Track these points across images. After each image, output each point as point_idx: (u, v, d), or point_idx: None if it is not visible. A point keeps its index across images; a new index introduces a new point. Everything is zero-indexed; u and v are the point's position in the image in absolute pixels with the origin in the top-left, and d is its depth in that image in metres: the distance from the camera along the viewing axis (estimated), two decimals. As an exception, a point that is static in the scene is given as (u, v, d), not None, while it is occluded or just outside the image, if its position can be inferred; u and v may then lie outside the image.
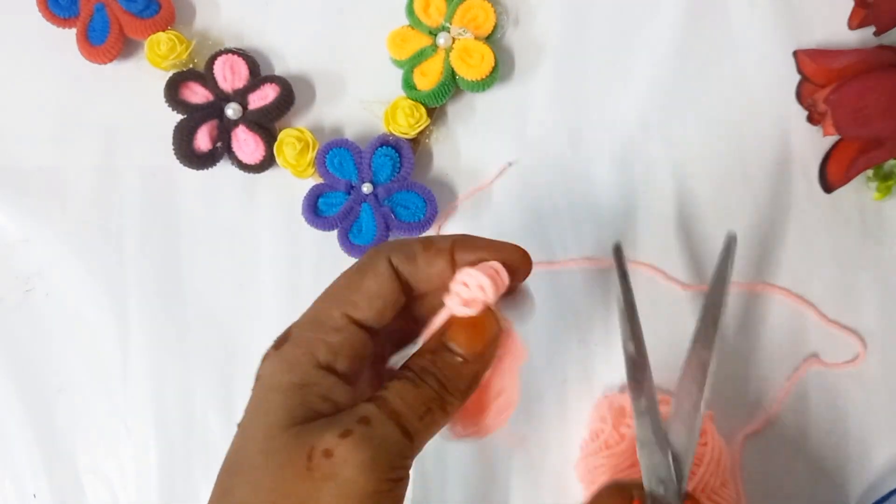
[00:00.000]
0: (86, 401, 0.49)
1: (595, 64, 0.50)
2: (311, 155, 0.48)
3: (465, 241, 0.30)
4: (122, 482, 0.49)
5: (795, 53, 0.48)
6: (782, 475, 0.48)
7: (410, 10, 0.49)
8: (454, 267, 0.29)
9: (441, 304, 0.30)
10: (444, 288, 0.30)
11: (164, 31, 0.49)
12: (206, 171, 0.49)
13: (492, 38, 0.49)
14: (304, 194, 0.48)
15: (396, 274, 0.29)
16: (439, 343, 0.29)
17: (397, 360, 0.32)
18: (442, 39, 0.48)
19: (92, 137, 0.50)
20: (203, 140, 0.48)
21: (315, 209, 0.48)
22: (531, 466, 0.48)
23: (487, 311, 0.29)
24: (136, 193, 0.50)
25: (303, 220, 0.48)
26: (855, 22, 0.48)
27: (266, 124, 0.48)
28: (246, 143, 0.48)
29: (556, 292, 0.49)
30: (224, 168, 0.49)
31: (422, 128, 0.48)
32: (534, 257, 0.49)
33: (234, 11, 0.51)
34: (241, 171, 0.49)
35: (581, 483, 0.47)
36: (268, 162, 0.48)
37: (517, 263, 0.30)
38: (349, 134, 0.50)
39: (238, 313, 0.50)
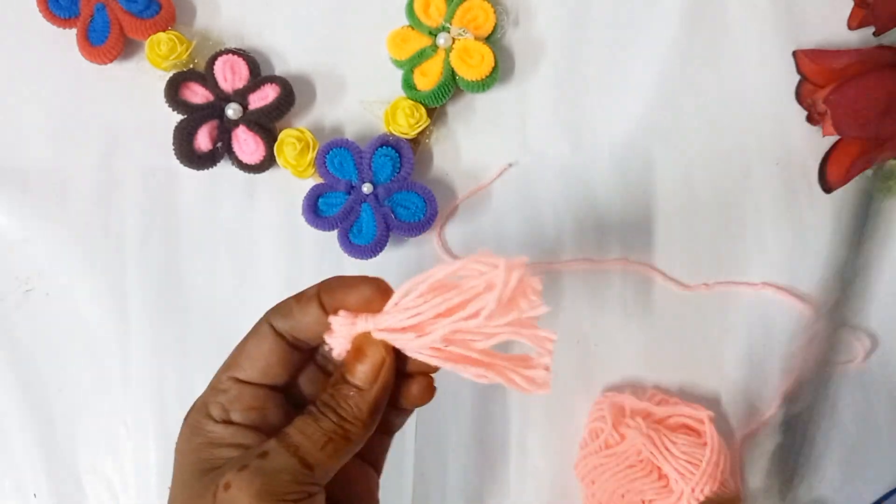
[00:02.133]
0: (86, 401, 0.49)
1: (595, 64, 0.50)
2: (311, 155, 0.48)
3: (328, 285, 0.32)
4: (122, 482, 0.49)
5: (795, 53, 0.48)
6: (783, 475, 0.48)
7: (410, 11, 0.49)
8: (326, 311, 0.32)
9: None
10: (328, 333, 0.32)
11: (164, 31, 0.49)
12: (206, 171, 0.49)
13: (492, 39, 0.49)
14: (305, 194, 0.48)
15: (278, 334, 0.32)
16: (339, 376, 0.32)
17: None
18: (442, 40, 0.48)
19: (92, 137, 0.50)
20: (203, 140, 0.48)
21: (315, 209, 0.48)
22: (531, 466, 0.48)
23: (368, 340, 0.31)
24: (136, 193, 0.50)
25: (303, 220, 0.48)
26: (855, 22, 0.48)
27: (266, 124, 0.48)
28: (246, 144, 0.48)
29: (557, 292, 0.49)
30: (224, 168, 0.49)
31: (422, 128, 0.48)
32: (534, 257, 0.49)
33: (234, 11, 0.51)
34: (242, 172, 0.49)
35: (581, 483, 0.47)
36: (268, 162, 0.48)
37: (372, 294, 0.32)
38: (349, 134, 0.50)
39: (238, 313, 0.50)
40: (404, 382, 0.33)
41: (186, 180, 0.50)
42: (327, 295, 0.32)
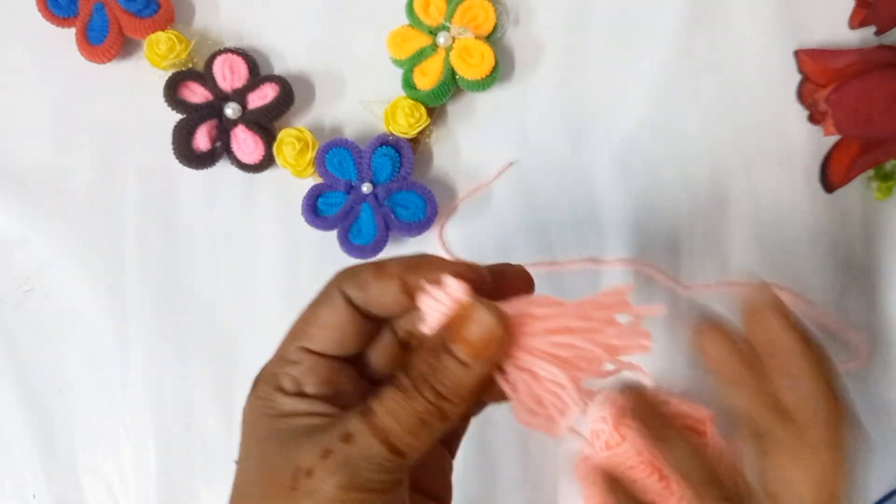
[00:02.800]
0: (85, 401, 0.49)
1: (595, 64, 0.50)
2: (310, 155, 0.48)
3: (414, 265, 0.29)
4: (121, 483, 0.49)
5: (796, 53, 0.48)
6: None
7: (410, 10, 0.49)
8: (408, 292, 0.29)
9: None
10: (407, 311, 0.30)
11: (163, 30, 0.49)
12: (205, 170, 0.49)
13: (492, 38, 0.49)
14: (304, 194, 0.48)
15: (352, 304, 0.29)
16: (439, 345, 0.28)
17: None
18: (442, 39, 0.48)
19: (91, 137, 0.50)
20: (202, 140, 0.48)
21: (315, 209, 0.48)
22: (531, 466, 0.48)
23: (480, 309, 0.28)
24: (135, 193, 0.50)
25: (302, 219, 0.47)
26: (855, 22, 0.48)
27: (265, 124, 0.48)
28: (245, 143, 0.48)
29: (557, 293, 0.49)
30: (223, 168, 0.49)
31: (422, 127, 0.48)
32: (534, 257, 0.49)
33: (233, 11, 0.51)
34: (241, 171, 0.49)
35: (581, 483, 0.47)
36: (267, 162, 0.48)
37: (470, 276, 0.29)
38: (349, 133, 0.50)
39: (237, 313, 0.50)
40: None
41: (186, 180, 0.50)
42: (413, 275, 0.29)
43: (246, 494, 0.28)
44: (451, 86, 0.48)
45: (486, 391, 0.29)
